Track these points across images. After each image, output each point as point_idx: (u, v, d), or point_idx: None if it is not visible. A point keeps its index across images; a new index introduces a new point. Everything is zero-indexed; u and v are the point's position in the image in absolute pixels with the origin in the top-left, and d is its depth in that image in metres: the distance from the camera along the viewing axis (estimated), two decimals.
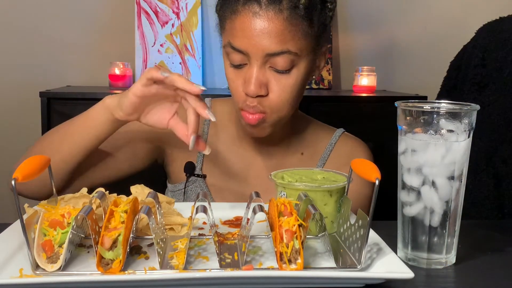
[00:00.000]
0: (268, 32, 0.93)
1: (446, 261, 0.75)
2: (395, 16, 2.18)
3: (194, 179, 1.12)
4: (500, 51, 1.25)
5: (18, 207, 0.64)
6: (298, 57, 0.96)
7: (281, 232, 0.66)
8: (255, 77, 0.95)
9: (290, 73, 0.96)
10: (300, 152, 1.14)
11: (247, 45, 0.94)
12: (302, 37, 0.95)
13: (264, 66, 0.96)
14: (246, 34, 0.94)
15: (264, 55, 0.94)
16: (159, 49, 2.02)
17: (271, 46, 0.93)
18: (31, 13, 2.06)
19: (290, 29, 0.93)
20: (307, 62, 0.99)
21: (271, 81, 0.96)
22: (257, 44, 0.93)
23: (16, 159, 0.95)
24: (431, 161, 0.72)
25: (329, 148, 1.15)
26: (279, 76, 0.96)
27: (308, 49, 0.98)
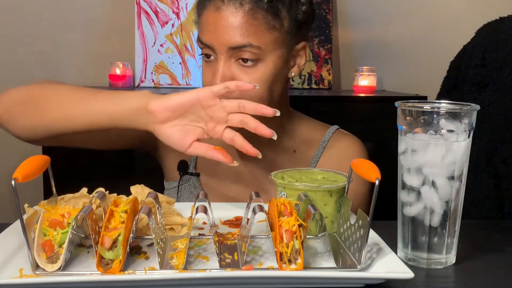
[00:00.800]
0: (229, 26, 0.94)
1: (446, 261, 0.75)
2: (395, 16, 2.18)
3: (187, 178, 1.12)
4: (500, 51, 1.25)
5: (18, 207, 0.64)
6: (262, 51, 0.96)
7: (281, 232, 0.66)
8: (221, 72, 0.96)
9: (256, 67, 0.97)
10: (292, 150, 1.13)
11: (211, 39, 0.96)
12: (266, 31, 0.96)
13: (230, 60, 0.97)
14: (210, 28, 0.96)
15: (227, 48, 0.95)
16: (159, 49, 2.02)
17: (232, 39, 0.94)
18: (31, 13, 2.06)
19: (251, 23, 0.94)
20: (275, 57, 0.98)
21: (238, 74, 0.97)
22: (219, 38, 0.95)
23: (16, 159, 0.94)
24: (431, 161, 0.72)
25: (322, 145, 1.14)
26: (246, 69, 0.97)
27: (276, 44, 0.98)
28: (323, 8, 2.11)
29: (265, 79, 0.98)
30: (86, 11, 2.08)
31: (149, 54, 2.03)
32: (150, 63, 2.03)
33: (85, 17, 2.08)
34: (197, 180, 1.12)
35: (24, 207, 0.75)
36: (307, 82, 2.10)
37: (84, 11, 2.08)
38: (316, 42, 2.10)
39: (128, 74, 1.97)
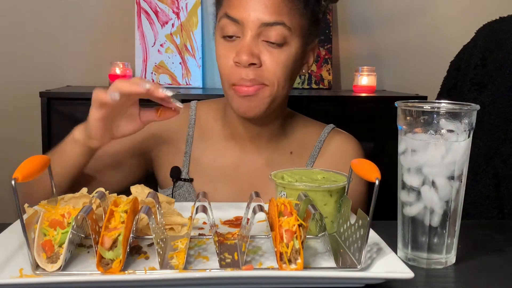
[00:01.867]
0: (265, 2, 0.94)
1: (446, 261, 0.75)
2: (395, 16, 2.18)
3: (181, 184, 1.11)
4: (500, 51, 1.25)
5: (18, 207, 0.64)
6: (291, 33, 0.96)
7: (281, 232, 0.66)
8: (247, 46, 0.95)
9: (282, 49, 0.97)
10: (289, 151, 1.12)
11: (243, 13, 0.95)
12: (297, 15, 0.97)
13: (258, 39, 0.96)
14: (243, 3, 0.95)
15: (259, 24, 0.95)
16: (159, 49, 2.02)
17: (266, 16, 0.94)
18: (31, 13, 2.06)
19: (286, 3, 0.95)
20: (298, 45, 0.99)
21: (264, 53, 0.96)
22: (253, 13, 0.94)
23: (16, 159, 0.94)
24: (431, 161, 0.72)
25: (318, 145, 1.13)
26: (272, 49, 0.96)
27: (301, 31, 0.99)
28: None
29: (289, 63, 0.98)
30: (86, 11, 2.08)
31: (149, 54, 2.03)
32: (150, 63, 2.03)
33: (85, 17, 2.08)
34: (191, 185, 1.11)
35: (24, 207, 0.75)
36: (307, 82, 2.10)
37: (84, 11, 2.08)
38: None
39: (128, 74, 1.97)
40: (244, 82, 0.97)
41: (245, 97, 0.98)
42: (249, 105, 0.99)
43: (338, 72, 2.18)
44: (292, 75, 1.01)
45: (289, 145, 1.13)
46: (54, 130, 1.78)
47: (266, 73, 0.97)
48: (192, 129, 1.13)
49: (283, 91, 1.00)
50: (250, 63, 0.95)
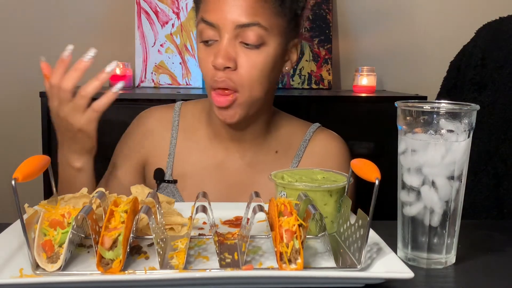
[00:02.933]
0: (239, 4, 0.95)
1: (446, 261, 0.75)
2: (395, 16, 2.18)
3: (165, 186, 1.11)
4: (500, 51, 1.25)
5: (18, 207, 0.64)
6: (268, 33, 0.96)
7: (281, 232, 0.66)
8: (224, 49, 0.95)
9: (260, 50, 0.97)
10: (274, 151, 1.12)
11: (218, 17, 0.96)
12: (273, 15, 0.97)
13: (235, 41, 0.96)
14: (218, 6, 0.96)
15: (235, 26, 0.95)
16: (159, 49, 2.02)
17: (241, 17, 0.94)
18: (31, 13, 2.06)
19: (261, 4, 0.95)
20: (277, 44, 0.99)
21: (241, 55, 0.96)
22: (228, 15, 0.95)
23: (16, 159, 0.94)
24: (431, 161, 0.72)
25: (303, 144, 1.13)
26: (249, 51, 0.96)
27: (279, 30, 0.98)
28: (323, 8, 2.11)
29: (266, 64, 0.98)
30: (86, 11, 2.08)
31: (149, 54, 2.03)
32: (150, 63, 2.03)
33: (85, 17, 2.08)
34: (175, 187, 1.10)
35: (24, 207, 0.75)
36: (307, 82, 2.10)
37: (84, 11, 2.08)
38: (316, 42, 2.10)
39: (128, 74, 1.97)
40: (218, 84, 0.97)
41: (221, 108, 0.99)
42: (227, 114, 1.00)
43: (338, 72, 2.18)
44: (271, 76, 1.01)
45: (274, 144, 1.12)
46: (54, 130, 1.78)
47: (240, 76, 0.97)
48: (175, 130, 1.14)
49: (259, 93, 1.00)
50: (225, 66, 0.96)
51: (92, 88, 0.98)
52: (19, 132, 2.10)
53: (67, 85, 0.96)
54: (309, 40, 2.10)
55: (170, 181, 1.10)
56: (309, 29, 2.10)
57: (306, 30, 2.10)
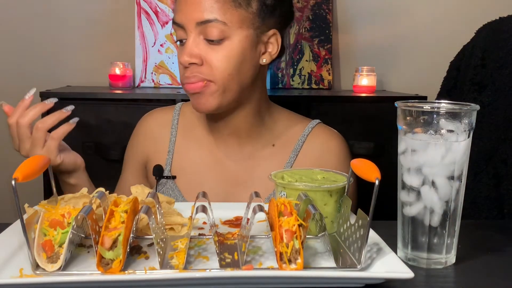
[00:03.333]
0: (196, 2, 0.99)
1: (446, 261, 0.75)
2: (395, 16, 2.18)
3: (164, 182, 1.13)
4: (500, 51, 1.25)
5: (18, 207, 0.64)
6: (228, 27, 0.99)
7: (281, 232, 0.66)
8: (188, 46, 1.00)
9: (222, 44, 1.00)
10: (271, 144, 1.14)
11: (182, 17, 1.01)
12: (233, 8, 0.99)
13: (199, 38, 1.00)
14: (181, 7, 1.01)
15: (195, 24, 0.99)
16: (159, 49, 2.02)
17: (199, 15, 0.99)
18: (31, 13, 2.06)
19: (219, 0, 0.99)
20: (242, 36, 1.01)
21: (207, 51, 1.00)
22: (188, 14, 1.00)
23: (16, 159, 0.95)
24: (431, 161, 0.72)
25: (301, 139, 1.14)
26: (214, 46, 1.00)
27: (243, 23, 1.01)
28: (323, 8, 2.11)
29: (232, 57, 1.00)
30: (86, 11, 2.08)
31: (149, 54, 2.03)
32: (150, 63, 2.03)
33: (85, 17, 2.08)
34: (173, 183, 1.12)
35: (24, 207, 0.75)
36: (307, 82, 2.10)
37: (84, 11, 2.08)
38: (316, 42, 2.10)
39: (128, 74, 1.97)
40: (187, 80, 1.02)
41: (193, 94, 1.03)
42: (199, 101, 1.03)
43: (338, 72, 2.18)
44: (242, 68, 1.02)
45: (271, 138, 1.14)
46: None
47: (209, 70, 1.00)
48: (175, 129, 1.17)
49: (232, 83, 1.02)
50: (189, 62, 1.00)
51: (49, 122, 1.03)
52: None
53: (23, 121, 1.01)
54: (309, 40, 2.10)
55: (168, 177, 1.12)
56: (309, 29, 2.10)
57: (306, 30, 2.10)
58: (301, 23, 2.10)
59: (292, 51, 2.10)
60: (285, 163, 1.12)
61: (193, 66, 1.01)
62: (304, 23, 2.10)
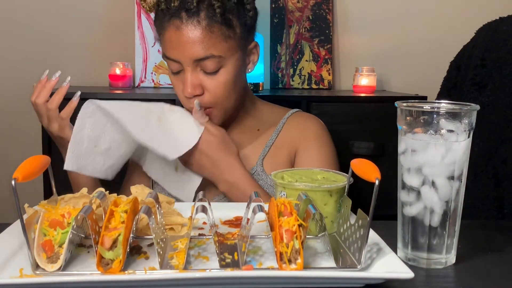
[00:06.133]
0: (191, 42, 1.05)
1: (446, 261, 0.75)
2: (395, 16, 2.18)
3: None
4: (500, 51, 1.25)
5: (18, 207, 0.64)
6: (223, 58, 1.08)
7: (281, 232, 0.66)
8: (189, 81, 1.08)
9: (218, 73, 1.08)
10: (256, 129, 1.25)
11: (177, 54, 1.07)
12: (223, 41, 1.07)
13: (196, 70, 1.08)
14: (174, 45, 1.07)
15: (193, 61, 1.07)
16: (159, 49, 2.02)
17: (195, 53, 1.06)
18: (31, 13, 2.06)
19: (210, 36, 1.06)
20: (234, 60, 1.10)
21: (205, 81, 1.09)
22: (184, 52, 1.06)
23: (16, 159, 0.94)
24: (431, 161, 0.72)
25: (282, 122, 1.25)
26: (210, 76, 1.08)
27: (233, 49, 1.09)
28: (323, 8, 2.11)
29: (229, 81, 1.10)
30: (86, 11, 2.08)
31: (149, 54, 2.03)
32: (150, 63, 2.03)
33: (85, 17, 2.08)
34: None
35: (24, 207, 0.75)
36: (307, 82, 2.10)
37: (84, 11, 2.08)
38: (316, 42, 2.10)
39: (128, 74, 1.97)
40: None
41: None
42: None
43: (338, 72, 2.18)
44: (236, 86, 1.13)
45: (256, 124, 1.25)
46: None
47: (210, 97, 1.09)
48: None
49: (232, 103, 1.13)
50: (193, 95, 1.08)
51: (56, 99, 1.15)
52: (19, 132, 2.10)
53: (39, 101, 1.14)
54: (309, 40, 2.10)
55: None
56: (309, 29, 2.10)
57: (306, 30, 2.10)
58: (301, 23, 2.10)
59: (292, 51, 2.10)
60: (267, 141, 1.23)
61: (196, 97, 1.09)
62: (304, 23, 2.10)
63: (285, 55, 2.10)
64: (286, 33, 2.10)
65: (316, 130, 1.25)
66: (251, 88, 1.87)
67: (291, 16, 2.10)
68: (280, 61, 2.10)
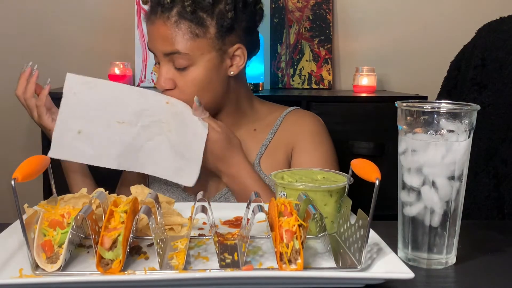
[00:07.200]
0: (160, 36, 1.09)
1: (446, 261, 0.75)
2: (395, 16, 2.18)
3: None
4: (500, 51, 1.25)
5: (18, 207, 0.64)
6: (191, 56, 1.08)
7: (281, 232, 0.66)
8: (161, 74, 1.11)
9: (188, 70, 1.09)
10: (253, 129, 1.23)
11: (151, 46, 1.12)
12: (191, 39, 1.08)
13: (169, 65, 1.10)
14: (150, 38, 1.13)
15: (163, 54, 1.10)
16: None
17: (163, 47, 1.09)
18: (31, 13, 2.06)
19: (177, 32, 1.07)
20: (206, 61, 1.09)
21: (177, 77, 1.11)
22: (155, 45, 1.11)
23: (16, 159, 0.94)
24: (431, 161, 0.72)
25: (279, 120, 1.24)
26: (180, 72, 1.10)
27: (203, 49, 1.09)
28: (323, 8, 2.11)
29: (198, 81, 1.10)
30: (86, 11, 2.08)
31: (149, 54, 2.03)
32: (150, 63, 2.03)
33: (85, 16, 2.08)
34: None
35: (24, 207, 0.75)
36: (307, 82, 2.10)
37: (84, 11, 2.08)
38: (316, 42, 2.10)
39: (128, 74, 1.97)
40: None
41: None
42: None
43: (338, 72, 2.18)
44: (211, 86, 1.12)
45: (253, 124, 1.24)
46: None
47: (179, 93, 1.10)
48: None
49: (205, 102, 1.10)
50: (164, 88, 1.11)
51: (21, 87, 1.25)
52: (19, 132, 2.10)
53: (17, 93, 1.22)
54: (309, 40, 2.10)
55: None
56: (309, 29, 2.10)
57: (306, 30, 2.10)
58: (301, 23, 2.10)
59: (292, 51, 2.10)
60: (264, 141, 1.21)
61: (167, 90, 1.11)
62: (304, 23, 2.10)
63: (285, 55, 2.10)
64: (286, 33, 2.10)
65: (313, 127, 1.23)
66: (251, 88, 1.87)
67: (291, 16, 2.10)
68: (280, 61, 2.10)
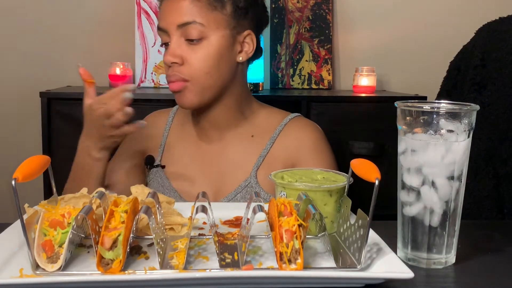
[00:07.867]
0: (176, 8, 1.10)
1: (446, 261, 0.75)
2: (395, 16, 2.18)
3: (154, 171, 1.22)
4: (500, 51, 1.25)
5: (18, 207, 0.64)
6: (206, 28, 1.09)
7: (281, 232, 0.66)
8: (171, 47, 1.10)
9: (201, 44, 1.09)
10: (250, 134, 1.21)
11: (164, 22, 1.12)
12: (209, 11, 1.09)
13: (180, 39, 1.10)
14: (163, 14, 1.12)
15: (176, 27, 1.09)
16: (159, 49, 2.02)
17: (179, 18, 1.09)
18: (31, 13, 2.06)
19: (195, 4, 1.09)
20: (219, 36, 1.10)
21: (187, 51, 1.10)
22: (170, 19, 1.10)
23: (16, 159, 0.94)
24: (431, 161, 0.72)
25: (279, 129, 1.21)
26: (193, 46, 1.10)
27: (219, 23, 1.10)
28: (323, 8, 2.11)
29: (211, 55, 1.10)
30: (86, 11, 2.08)
31: (149, 54, 2.03)
32: (150, 63, 2.03)
33: (85, 17, 2.08)
34: (162, 171, 1.21)
35: (24, 207, 0.75)
36: (307, 82, 2.10)
37: (85, 11, 2.08)
38: (316, 42, 2.10)
39: (128, 74, 1.97)
40: (170, 78, 1.12)
41: (176, 93, 1.12)
42: (181, 99, 1.13)
43: (338, 72, 2.18)
44: (220, 66, 1.11)
45: (250, 129, 1.21)
46: (54, 130, 1.79)
47: (189, 69, 1.09)
48: (169, 126, 1.27)
49: (209, 81, 1.11)
50: (172, 62, 1.10)
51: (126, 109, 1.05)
52: (19, 132, 2.10)
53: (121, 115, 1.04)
54: (309, 40, 2.10)
55: (157, 165, 1.22)
56: (309, 29, 2.10)
57: (306, 30, 2.10)
58: (301, 23, 2.10)
59: (292, 51, 2.10)
60: (262, 150, 1.18)
61: (175, 65, 1.10)
62: (304, 23, 2.10)
63: (285, 55, 2.10)
64: (286, 33, 2.10)
65: (315, 140, 1.20)
66: (250, 88, 1.87)
67: (291, 16, 2.10)
68: (280, 61, 2.10)
